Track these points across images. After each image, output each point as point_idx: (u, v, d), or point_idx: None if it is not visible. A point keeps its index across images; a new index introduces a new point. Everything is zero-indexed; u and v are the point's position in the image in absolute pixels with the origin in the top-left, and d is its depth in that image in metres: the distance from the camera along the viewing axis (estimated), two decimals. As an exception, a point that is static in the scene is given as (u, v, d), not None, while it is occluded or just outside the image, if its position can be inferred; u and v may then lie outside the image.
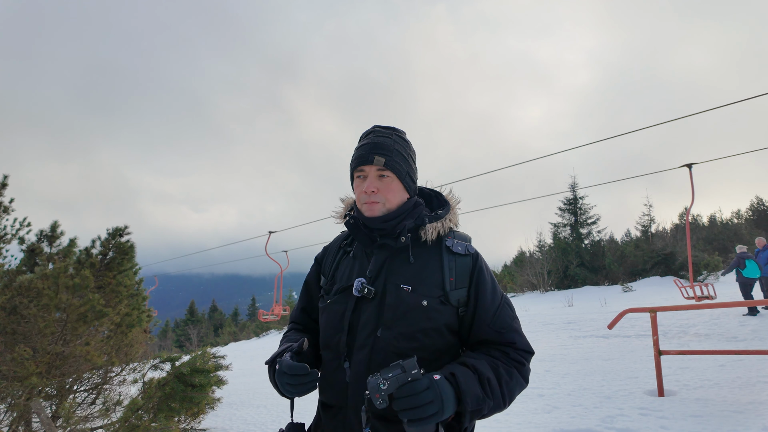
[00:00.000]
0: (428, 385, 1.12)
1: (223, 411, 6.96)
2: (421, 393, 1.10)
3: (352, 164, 1.44)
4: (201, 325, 45.16)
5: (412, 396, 1.10)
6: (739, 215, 33.37)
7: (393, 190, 1.41)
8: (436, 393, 1.11)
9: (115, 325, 4.58)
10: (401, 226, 1.39)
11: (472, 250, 1.44)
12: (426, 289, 1.34)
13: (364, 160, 1.39)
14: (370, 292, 1.33)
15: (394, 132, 1.47)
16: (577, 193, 28.57)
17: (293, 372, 1.24)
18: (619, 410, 4.83)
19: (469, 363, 1.25)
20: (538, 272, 25.97)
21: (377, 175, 1.40)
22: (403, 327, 1.30)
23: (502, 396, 1.25)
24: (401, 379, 1.12)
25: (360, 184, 1.42)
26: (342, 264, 1.48)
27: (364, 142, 1.44)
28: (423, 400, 1.10)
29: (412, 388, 1.11)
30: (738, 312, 10.30)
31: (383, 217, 1.39)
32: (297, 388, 1.26)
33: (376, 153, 1.38)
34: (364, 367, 1.29)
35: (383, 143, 1.41)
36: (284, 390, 1.29)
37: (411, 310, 1.31)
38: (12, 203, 4.38)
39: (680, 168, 12.47)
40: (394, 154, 1.40)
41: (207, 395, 4.39)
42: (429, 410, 1.10)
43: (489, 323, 1.35)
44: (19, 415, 3.75)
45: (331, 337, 1.37)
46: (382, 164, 1.38)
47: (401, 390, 1.12)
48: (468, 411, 1.18)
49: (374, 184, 1.39)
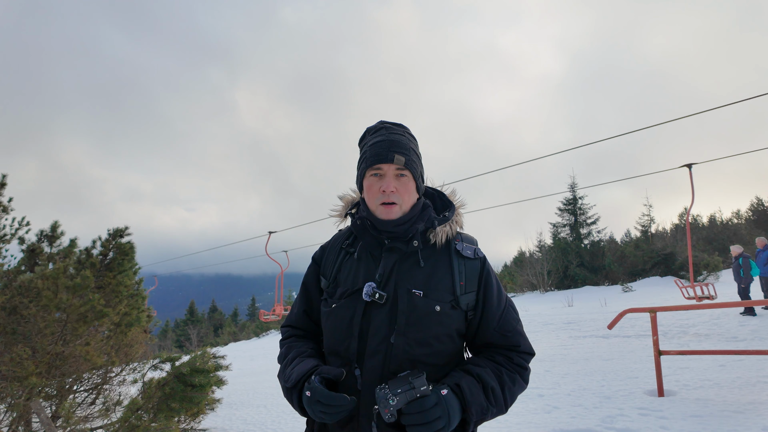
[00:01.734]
0: (436, 401, 1.15)
1: (223, 411, 6.96)
2: (430, 410, 1.14)
3: (368, 161, 1.35)
4: (201, 325, 45.14)
5: (421, 413, 1.13)
6: (739, 215, 33.38)
7: (409, 191, 1.36)
8: (443, 409, 1.15)
9: (115, 325, 4.58)
10: (413, 229, 1.35)
11: (481, 254, 1.42)
12: (438, 294, 1.31)
13: (383, 158, 1.32)
14: (381, 298, 1.28)
15: (405, 129, 1.43)
16: (577, 194, 28.59)
17: (332, 402, 1.18)
18: (619, 410, 4.83)
19: (474, 372, 1.27)
20: (538, 272, 25.97)
21: (395, 174, 1.34)
22: (416, 333, 1.27)
23: (505, 402, 1.28)
24: (410, 395, 1.15)
25: (375, 183, 1.35)
26: (345, 266, 1.41)
27: (379, 138, 1.37)
28: (431, 417, 1.13)
29: (421, 405, 1.14)
30: (738, 312, 10.31)
31: (397, 220, 1.35)
32: (332, 417, 1.20)
33: (395, 151, 1.33)
34: (377, 374, 1.26)
35: (400, 141, 1.36)
36: (316, 417, 1.23)
37: (424, 315, 1.28)
38: (11, 202, 4.38)
39: (680, 168, 12.48)
40: (411, 153, 1.36)
41: (207, 395, 4.39)
42: (437, 426, 1.13)
43: (495, 326, 1.35)
44: (19, 415, 3.75)
45: (339, 344, 1.32)
46: (402, 163, 1.33)
47: (410, 406, 1.14)
48: (472, 421, 1.22)
49: (393, 184, 1.33)
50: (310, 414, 1.25)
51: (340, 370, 1.27)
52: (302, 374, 1.29)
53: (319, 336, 1.50)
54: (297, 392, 1.29)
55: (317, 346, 1.49)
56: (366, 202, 1.40)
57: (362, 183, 1.41)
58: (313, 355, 1.40)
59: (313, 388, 1.22)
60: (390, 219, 1.34)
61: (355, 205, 1.49)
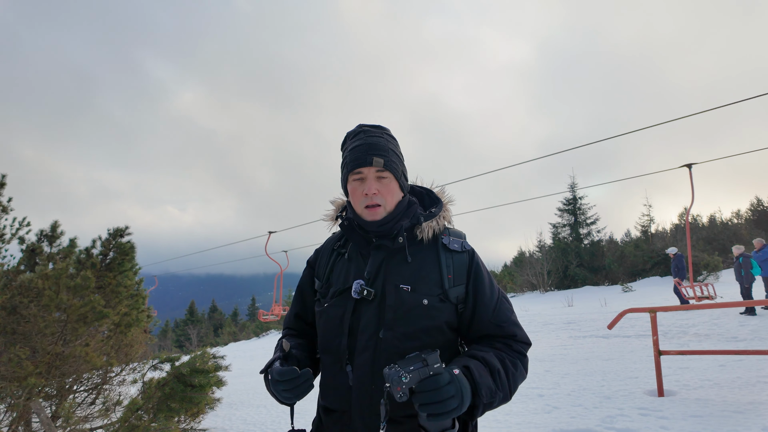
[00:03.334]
0: (450, 379, 1.10)
1: (223, 411, 6.96)
2: (444, 387, 1.08)
3: (348, 166, 1.39)
4: (201, 325, 45.15)
5: (435, 390, 1.08)
6: (739, 215, 33.39)
7: (392, 191, 1.40)
8: (457, 387, 1.10)
9: (115, 325, 4.58)
10: (398, 226, 1.38)
11: (468, 247, 1.44)
12: (425, 288, 1.34)
13: (362, 162, 1.36)
14: (369, 294, 1.32)
15: (384, 131, 1.46)
16: (577, 194, 28.61)
17: (284, 377, 1.23)
18: (619, 410, 4.83)
19: (479, 356, 1.27)
20: (538, 272, 25.99)
21: (376, 176, 1.38)
22: (405, 327, 1.29)
23: (509, 387, 1.28)
24: (423, 372, 1.10)
25: (358, 187, 1.39)
26: (337, 266, 1.46)
27: (358, 143, 1.40)
28: (445, 395, 1.08)
29: (435, 382, 1.08)
30: (738, 312, 10.32)
31: (382, 220, 1.38)
32: (293, 392, 1.24)
33: (374, 154, 1.36)
34: (367, 369, 1.28)
35: (378, 143, 1.39)
36: (281, 397, 1.28)
37: (412, 309, 1.30)
38: (10, 202, 4.38)
39: (680, 168, 12.49)
40: (390, 154, 1.39)
41: (207, 395, 4.39)
42: (450, 405, 1.08)
43: (489, 318, 1.37)
44: (19, 415, 3.75)
45: (330, 341, 1.35)
46: (381, 165, 1.36)
47: (423, 384, 1.09)
48: (482, 404, 1.18)
49: (375, 186, 1.37)
50: (277, 398, 1.29)
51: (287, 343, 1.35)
52: (270, 362, 1.35)
53: (313, 336, 1.53)
54: (265, 382, 1.35)
55: (305, 341, 1.52)
56: (352, 205, 1.44)
57: (347, 187, 1.46)
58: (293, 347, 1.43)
59: (272, 369, 1.27)
60: (375, 220, 1.38)
61: (345, 208, 1.52)
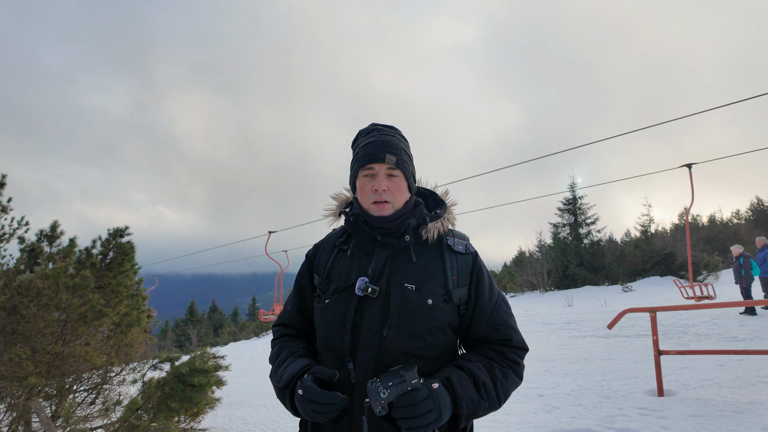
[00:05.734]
0: (427, 394, 1.16)
1: (223, 411, 6.96)
2: (421, 402, 1.14)
3: (360, 162, 1.40)
4: (201, 325, 45.16)
5: (412, 405, 1.14)
6: (739, 215, 33.41)
7: (401, 190, 1.41)
8: (435, 402, 1.15)
9: (115, 325, 4.58)
10: (405, 224, 1.39)
11: (472, 249, 1.45)
12: (430, 287, 1.34)
13: (375, 158, 1.37)
14: (374, 292, 1.31)
15: (396, 131, 1.47)
16: (576, 194, 28.61)
17: (324, 401, 1.19)
18: (619, 410, 4.83)
19: (465, 367, 1.29)
20: (537, 272, 26.00)
21: (387, 173, 1.39)
22: (408, 326, 1.29)
23: (497, 396, 1.29)
24: (401, 388, 1.16)
25: (367, 183, 1.40)
26: (338, 262, 1.44)
27: (371, 139, 1.41)
28: (423, 409, 1.14)
29: (412, 398, 1.15)
30: (737, 312, 10.32)
31: (389, 216, 1.38)
32: (324, 416, 1.20)
33: (386, 151, 1.37)
34: (370, 367, 1.28)
35: (390, 142, 1.40)
36: (308, 416, 1.23)
37: (416, 309, 1.31)
38: (10, 202, 4.38)
39: (680, 168, 12.48)
40: (402, 153, 1.40)
41: (206, 395, 4.39)
42: (428, 419, 1.14)
43: (486, 320, 1.37)
44: (19, 415, 3.74)
45: (332, 338, 1.34)
46: (393, 163, 1.37)
47: (401, 399, 1.15)
48: (464, 414, 1.22)
49: (385, 183, 1.38)
50: (302, 413, 1.25)
51: (333, 371, 1.27)
52: (294, 373, 1.30)
53: (311, 334, 1.52)
54: (289, 392, 1.30)
55: (309, 345, 1.50)
56: (359, 201, 1.44)
57: (355, 183, 1.45)
58: (305, 355, 1.41)
59: (305, 386, 1.22)
60: (382, 216, 1.38)
61: (349, 204, 1.52)
